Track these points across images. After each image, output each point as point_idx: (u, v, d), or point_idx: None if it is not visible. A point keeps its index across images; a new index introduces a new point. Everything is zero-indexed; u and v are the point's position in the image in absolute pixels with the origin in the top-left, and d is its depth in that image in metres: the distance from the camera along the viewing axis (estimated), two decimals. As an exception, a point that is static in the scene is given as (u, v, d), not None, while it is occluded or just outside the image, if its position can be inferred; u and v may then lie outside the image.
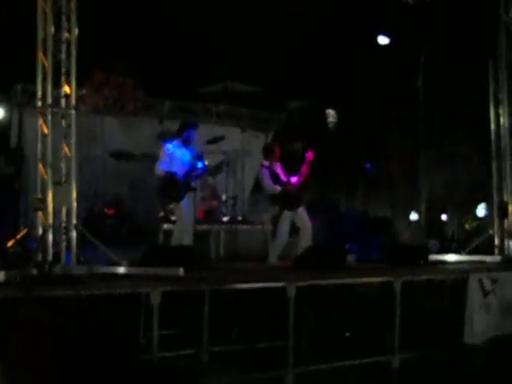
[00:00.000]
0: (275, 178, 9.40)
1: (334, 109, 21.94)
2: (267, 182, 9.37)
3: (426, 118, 12.51)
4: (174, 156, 9.51)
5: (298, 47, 17.26)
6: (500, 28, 10.72)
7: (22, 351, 5.37)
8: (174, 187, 9.36)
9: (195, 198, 9.65)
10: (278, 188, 9.29)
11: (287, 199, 9.29)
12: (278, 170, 9.56)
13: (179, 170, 9.43)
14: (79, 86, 7.67)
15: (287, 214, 9.31)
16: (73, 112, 7.39)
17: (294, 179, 9.43)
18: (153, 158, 10.44)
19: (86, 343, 5.64)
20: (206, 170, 10.24)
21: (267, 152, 9.64)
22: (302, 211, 9.39)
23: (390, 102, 18.53)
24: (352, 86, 18.71)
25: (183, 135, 9.62)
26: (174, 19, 15.42)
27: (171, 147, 9.62)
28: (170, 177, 9.37)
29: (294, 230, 9.49)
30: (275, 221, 9.45)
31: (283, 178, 9.48)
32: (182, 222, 9.38)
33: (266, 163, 9.52)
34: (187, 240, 9.38)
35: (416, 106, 12.64)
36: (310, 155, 9.46)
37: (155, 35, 15.03)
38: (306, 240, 9.31)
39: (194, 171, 9.52)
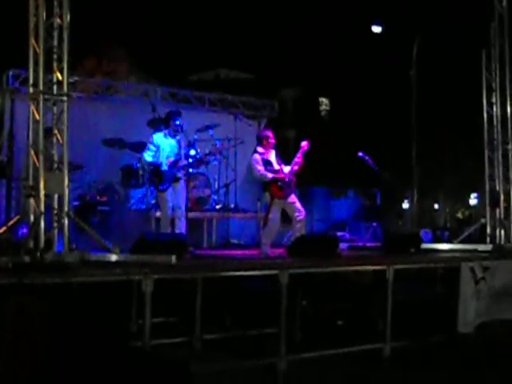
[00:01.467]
0: (267, 164, 9.35)
1: (326, 97, 21.96)
2: (258, 167, 9.31)
3: (418, 107, 12.49)
4: (160, 146, 9.55)
5: (291, 35, 17.23)
6: (493, 17, 10.70)
7: (14, 338, 5.35)
8: (158, 178, 9.44)
9: (184, 187, 9.62)
10: (269, 175, 9.22)
11: (278, 187, 9.24)
12: (272, 157, 9.50)
13: (164, 160, 9.48)
14: (71, 71, 7.60)
15: (278, 202, 9.25)
16: (65, 98, 7.33)
17: (286, 168, 9.38)
18: (144, 146, 10.43)
19: (76, 330, 5.62)
20: (195, 161, 10.29)
21: (261, 139, 9.57)
22: (293, 199, 9.33)
23: (382, 91, 18.53)
24: (345, 74, 18.70)
25: (170, 125, 9.65)
26: (167, 6, 15.34)
27: (157, 138, 9.68)
28: (154, 167, 9.44)
29: (287, 217, 9.44)
30: (267, 209, 9.40)
31: (276, 165, 9.42)
32: (164, 212, 9.41)
33: (260, 150, 9.47)
34: (180, 228, 9.38)
35: (409, 94, 12.61)
36: (304, 145, 9.40)
37: (148, 22, 14.98)
38: (298, 228, 9.26)
39: (180, 161, 9.54)
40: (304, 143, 9.43)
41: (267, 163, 9.39)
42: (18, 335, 5.35)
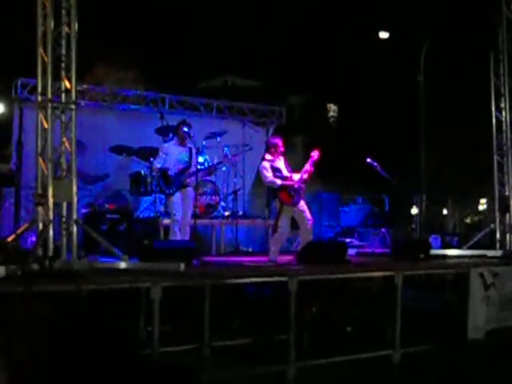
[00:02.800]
0: (276, 171, 9.33)
1: (334, 103, 21.94)
2: (267, 174, 9.28)
3: (426, 113, 12.47)
4: (170, 155, 9.63)
5: (298, 41, 17.22)
6: (501, 22, 10.69)
7: (23, 345, 5.36)
8: (165, 182, 9.51)
9: (192, 194, 9.65)
10: (278, 182, 9.20)
11: (287, 194, 9.22)
12: (281, 164, 9.48)
13: (173, 167, 9.55)
14: (79, 80, 7.63)
15: (287, 209, 9.22)
16: (73, 106, 7.36)
17: (296, 176, 9.33)
18: (153, 153, 10.47)
19: (85, 338, 5.62)
20: (205, 169, 10.36)
21: (270, 146, 9.56)
22: (302, 206, 9.31)
23: (391, 97, 18.49)
24: (353, 80, 18.67)
25: (179, 134, 9.74)
26: (175, 13, 15.38)
27: (168, 147, 9.77)
28: (163, 172, 9.52)
29: (295, 224, 9.43)
30: (276, 215, 9.38)
31: (285, 172, 9.40)
32: (173, 218, 9.46)
33: (269, 157, 9.46)
34: (183, 235, 9.41)
35: (417, 100, 12.60)
36: (315, 154, 9.35)
37: (156, 29, 14.99)
38: (306, 236, 9.24)
39: (190, 169, 9.60)
40: (314, 153, 9.38)
41: (276, 170, 9.37)
42: (26, 343, 5.36)
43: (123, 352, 5.89)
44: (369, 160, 11.42)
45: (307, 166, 9.33)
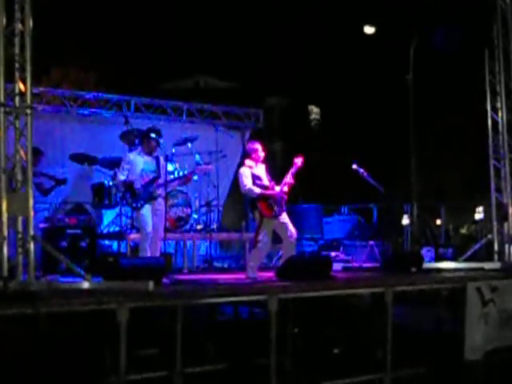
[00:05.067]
0: (256, 179, 9.30)
1: (316, 105, 22.05)
2: (245, 181, 9.24)
3: (416, 114, 12.55)
4: (135, 165, 9.58)
5: (277, 38, 17.28)
6: (496, 15, 10.79)
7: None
8: (131, 195, 9.48)
9: (163, 207, 9.63)
10: (257, 190, 9.17)
11: (267, 205, 9.20)
12: (261, 172, 9.46)
13: (139, 178, 9.51)
14: (35, 82, 7.60)
15: (268, 222, 9.21)
16: (28, 111, 7.32)
17: (277, 187, 9.31)
18: (118, 163, 10.43)
19: (43, 366, 5.59)
20: (177, 178, 10.33)
21: (250, 152, 9.53)
22: (284, 219, 9.30)
23: (377, 98, 18.62)
24: (336, 80, 18.78)
25: (145, 142, 9.70)
26: (141, 8, 15.38)
27: (132, 156, 9.73)
28: (128, 185, 9.51)
29: (276, 237, 9.43)
30: (255, 229, 9.37)
31: (266, 181, 9.38)
32: (143, 233, 9.41)
33: (249, 163, 9.43)
34: (153, 251, 9.38)
35: (406, 101, 12.68)
36: (299, 161, 9.35)
37: (119, 26, 14.99)
38: (288, 251, 9.24)
39: (158, 180, 9.56)
40: (298, 159, 9.38)
41: (256, 178, 9.34)
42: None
43: (86, 381, 5.86)
44: (355, 166, 11.47)
45: (290, 175, 9.33)
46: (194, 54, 15.78)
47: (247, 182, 9.24)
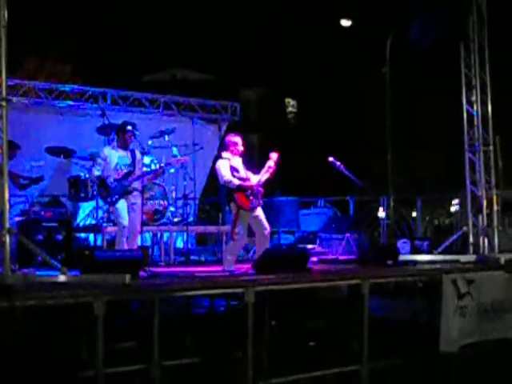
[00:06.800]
0: (234, 171, 9.29)
1: (293, 98, 22.07)
2: (224, 172, 9.22)
3: (393, 107, 12.60)
4: (109, 160, 9.56)
5: (254, 30, 17.27)
6: (471, 9, 10.84)
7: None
8: (105, 190, 9.46)
9: (140, 200, 9.61)
10: (236, 181, 9.16)
11: (245, 196, 9.20)
12: (239, 165, 9.45)
13: (114, 173, 9.49)
14: (10, 73, 7.54)
15: (244, 214, 9.21)
16: (3, 103, 7.27)
17: (254, 178, 9.31)
18: (95, 155, 10.40)
19: (20, 359, 5.57)
20: (151, 171, 10.30)
21: (228, 145, 9.49)
22: (259, 212, 9.32)
23: (354, 90, 18.66)
24: (313, 73, 18.80)
25: (120, 136, 9.69)
26: (118, 1, 15.31)
27: (106, 151, 9.70)
28: (101, 181, 9.53)
29: (251, 231, 9.44)
30: (232, 221, 9.36)
31: (243, 173, 9.37)
32: (120, 226, 9.40)
33: (226, 155, 9.41)
34: (131, 245, 9.37)
35: (382, 93, 12.72)
36: (274, 156, 9.33)
37: (95, 18, 14.91)
38: (262, 244, 9.26)
39: (133, 173, 9.55)
40: (273, 154, 9.37)
41: (234, 170, 9.33)
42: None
43: (62, 374, 5.84)
44: (331, 159, 11.49)
45: (266, 168, 9.33)
46: (171, 46, 15.72)
47: (226, 173, 9.23)
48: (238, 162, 9.50)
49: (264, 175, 9.34)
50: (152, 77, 14.54)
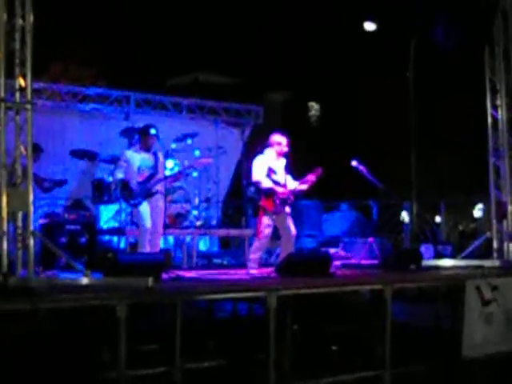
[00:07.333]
0: (271, 172, 9.12)
1: (317, 101, 22.02)
2: (256, 171, 9.08)
3: (417, 111, 12.55)
4: (131, 163, 9.59)
5: (277, 34, 17.24)
6: (496, 12, 10.78)
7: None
8: (128, 194, 9.49)
9: (163, 202, 9.64)
10: (265, 184, 9.00)
11: (271, 201, 9.13)
12: (279, 167, 9.28)
13: (136, 176, 9.52)
14: (35, 77, 7.60)
15: (270, 217, 9.19)
16: (29, 106, 7.33)
17: (292, 184, 9.19)
18: (116, 157, 10.45)
19: (43, 362, 5.60)
20: (173, 174, 10.33)
21: (272, 144, 9.30)
22: (286, 215, 9.27)
23: (378, 94, 18.60)
24: (337, 76, 18.75)
25: (143, 139, 9.73)
26: (141, 3, 15.36)
27: (128, 154, 9.74)
28: (124, 184, 9.56)
29: (275, 233, 9.42)
30: (257, 222, 9.32)
31: (281, 177, 9.20)
32: (142, 229, 9.43)
33: (269, 152, 9.22)
34: (153, 248, 9.40)
35: (406, 97, 12.68)
36: (317, 171, 9.23)
37: (119, 21, 14.96)
38: (287, 248, 9.23)
39: (156, 176, 9.58)
40: (318, 169, 9.27)
41: (271, 171, 9.20)
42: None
43: (85, 376, 5.87)
44: (354, 163, 11.45)
45: (306, 179, 9.23)
46: (194, 49, 15.75)
47: (258, 172, 9.14)
48: (279, 163, 9.34)
49: (301, 185, 9.28)
50: (175, 80, 14.56)
